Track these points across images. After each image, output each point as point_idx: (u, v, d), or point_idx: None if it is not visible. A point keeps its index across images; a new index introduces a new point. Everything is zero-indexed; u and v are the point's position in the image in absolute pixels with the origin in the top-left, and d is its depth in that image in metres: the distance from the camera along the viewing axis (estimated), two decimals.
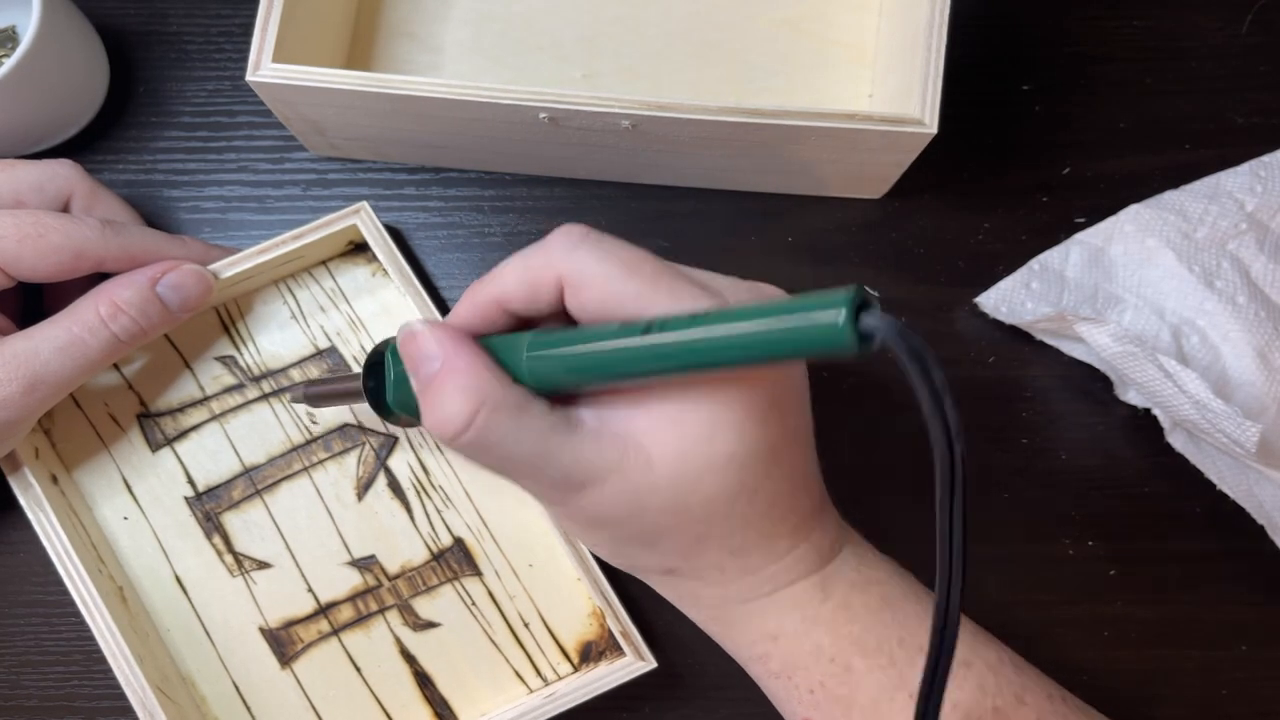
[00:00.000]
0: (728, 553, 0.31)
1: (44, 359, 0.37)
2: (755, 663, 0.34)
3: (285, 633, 0.42)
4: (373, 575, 0.42)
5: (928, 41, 0.39)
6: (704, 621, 0.34)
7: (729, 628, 0.33)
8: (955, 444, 0.22)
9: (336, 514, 0.43)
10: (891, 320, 0.22)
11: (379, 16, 0.48)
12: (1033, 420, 0.44)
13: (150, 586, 0.42)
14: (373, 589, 0.42)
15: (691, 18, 0.47)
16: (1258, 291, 0.42)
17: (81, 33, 0.45)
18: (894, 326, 0.21)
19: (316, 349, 0.44)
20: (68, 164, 0.40)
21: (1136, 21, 0.48)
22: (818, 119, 0.38)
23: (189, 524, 0.43)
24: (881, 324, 0.21)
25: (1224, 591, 0.43)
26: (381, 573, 0.42)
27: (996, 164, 0.47)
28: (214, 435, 0.43)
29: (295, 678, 0.41)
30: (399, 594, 0.42)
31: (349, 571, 0.42)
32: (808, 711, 0.32)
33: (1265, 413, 0.41)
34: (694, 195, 0.46)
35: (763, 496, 0.30)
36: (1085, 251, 0.44)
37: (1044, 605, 0.42)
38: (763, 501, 0.30)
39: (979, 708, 0.31)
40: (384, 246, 0.42)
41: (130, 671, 0.38)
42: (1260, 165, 0.45)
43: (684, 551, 0.31)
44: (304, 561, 0.42)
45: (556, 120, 0.39)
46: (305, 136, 0.45)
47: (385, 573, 0.42)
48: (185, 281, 0.39)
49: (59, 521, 0.39)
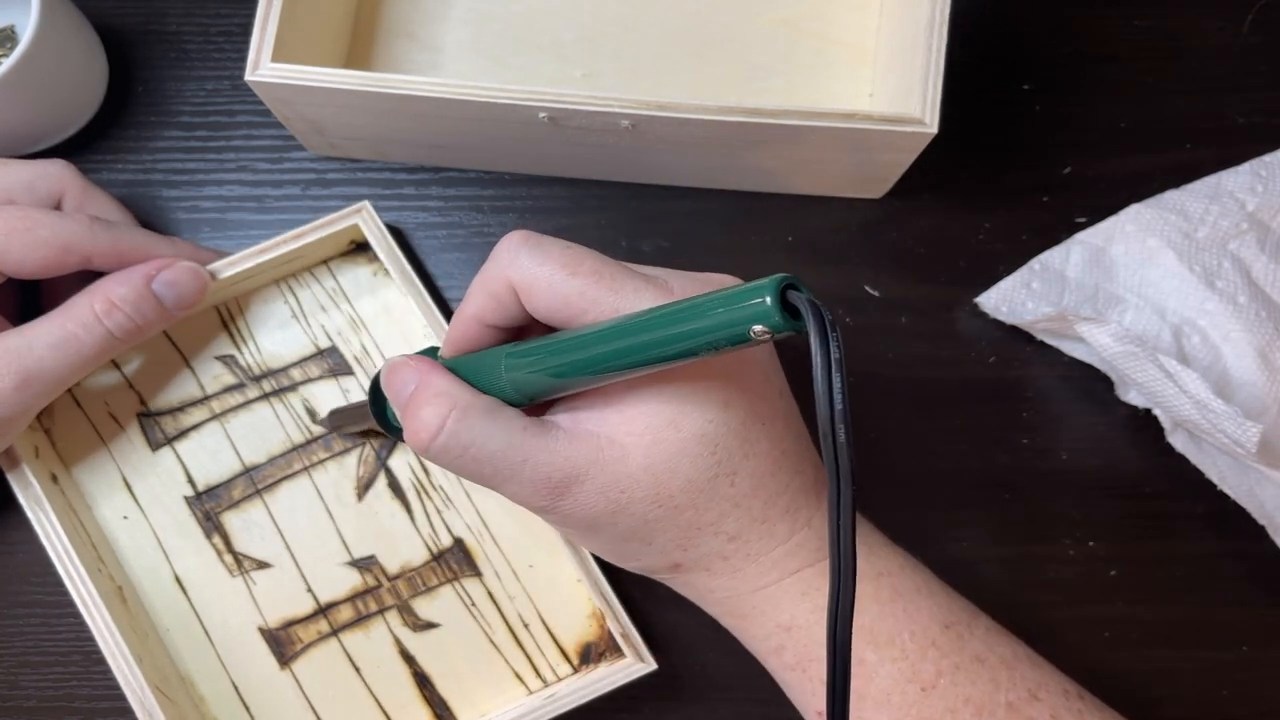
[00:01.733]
0: (725, 538, 0.31)
1: (38, 355, 0.37)
2: (772, 656, 0.34)
3: (285, 633, 0.42)
4: (372, 575, 0.42)
5: (928, 41, 0.39)
6: (721, 616, 0.34)
7: (744, 620, 0.34)
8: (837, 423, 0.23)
9: (336, 514, 0.42)
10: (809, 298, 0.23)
11: (378, 16, 0.47)
12: (1033, 420, 0.44)
13: (150, 586, 0.42)
14: (372, 589, 0.42)
15: (691, 17, 0.47)
16: (1259, 291, 0.42)
17: (80, 32, 0.45)
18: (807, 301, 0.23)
19: (317, 348, 0.44)
20: (59, 163, 0.40)
21: (1137, 21, 0.48)
22: (818, 119, 0.38)
23: (189, 523, 0.42)
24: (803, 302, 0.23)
25: (1225, 592, 0.42)
26: (381, 573, 0.42)
27: (997, 163, 0.47)
28: (214, 434, 0.43)
29: (294, 678, 0.41)
30: (399, 594, 0.42)
31: (349, 572, 0.42)
32: (821, 704, 0.32)
33: (1266, 413, 0.41)
34: (694, 195, 0.46)
35: (745, 477, 0.30)
36: (1086, 251, 0.44)
37: (1044, 605, 0.42)
38: (746, 482, 0.31)
39: (991, 702, 0.31)
40: (385, 246, 0.42)
41: (129, 671, 0.38)
42: (1261, 165, 0.44)
43: (680, 542, 0.31)
44: (304, 561, 0.42)
45: (556, 120, 0.39)
46: (304, 136, 0.45)
47: (385, 573, 0.42)
48: (181, 279, 0.39)
49: (59, 521, 0.39)
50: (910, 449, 0.44)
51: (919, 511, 0.43)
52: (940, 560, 0.43)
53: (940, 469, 0.44)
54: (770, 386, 0.32)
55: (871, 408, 0.44)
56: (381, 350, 0.44)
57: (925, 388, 0.44)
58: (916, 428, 0.44)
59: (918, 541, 0.43)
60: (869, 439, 0.44)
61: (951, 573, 0.42)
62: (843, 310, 0.45)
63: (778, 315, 0.23)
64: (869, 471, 0.43)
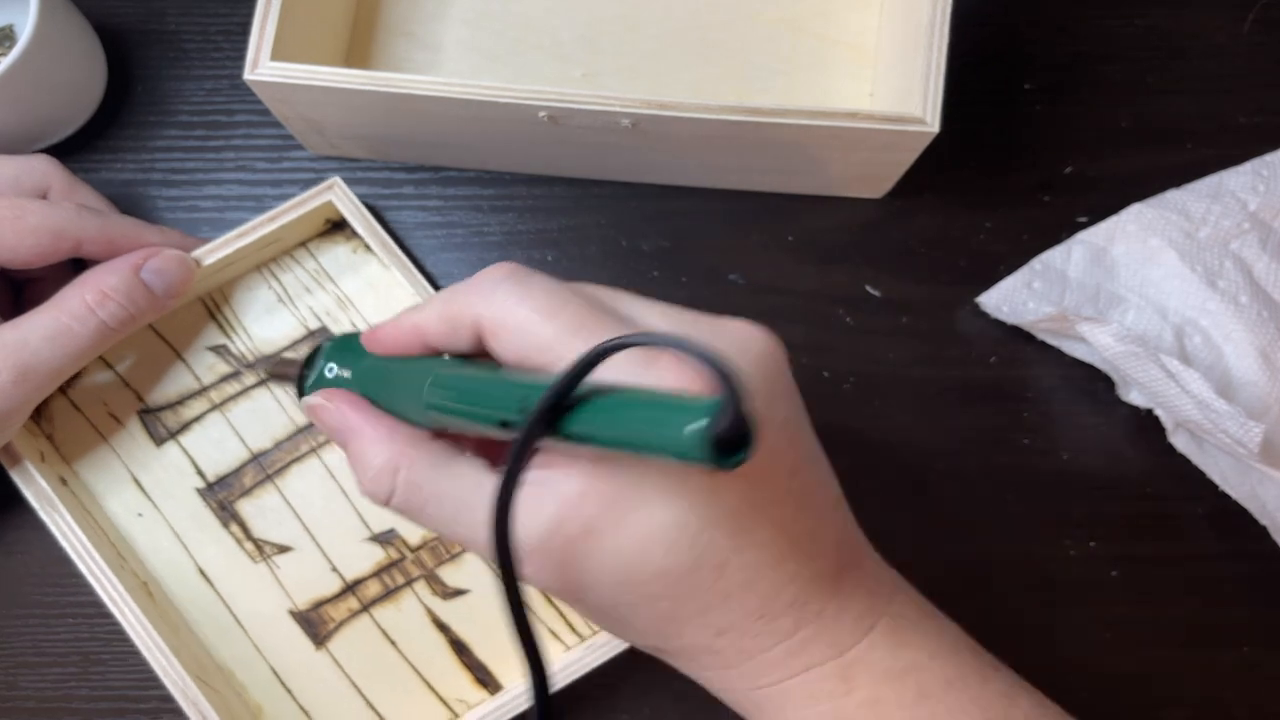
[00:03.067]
0: (713, 632, 0.27)
1: (33, 348, 0.37)
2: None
3: (316, 613, 0.42)
4: (395, 549, 0.42)
5: (929, 40, 0.39)
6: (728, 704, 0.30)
7: (750, 715, 0.29)
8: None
9: (350, 491, 0.43)
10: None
11: (378, 15, 0.47)
12: (1034, 421, 0.44)
13: (174, 581, 0.42)
14: (397, 562, 0.42)
15: (692, 17, 0.47)
16: (1260, 291, 0.42)
17: (79, 31, 0.44)
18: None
19: (308, 329, 0.44)
20: (44, 158, 0.40)
21: (1138, 20, 0.48)
22: (819, 118, 0.38)
23: (204, 515, 0.43)
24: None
25: (1226, 592, 0.42)
26: (403, 545, 0.42)
27: (998, 163, 0.47)
28: (217, 425, 0.43)
29: (332, 657, 0.41)
30: (424, 565, 0.42)
31: (371, 547, 0.42)
32: None
33: (1268, 413, 0.40)
34: (694, 195, 0.46)
35: (737, 570, 0.26)
36: (1087, 251, 0.44)
37: (1046, 606, 0.42)
38: (738, 575, 0.26)
39: None
40: (362, 220, 0.42)
41: (168, 664, 0.38)
42: (1262, 164, 0.44)
43: (659, 631, 0.27)
44: (324, 541, 0.42)
45: (556, 119, 0.39)
46: (304, 135, 0.45)
47: (407, 545, 0.42)
48: (168, 266, 0.40)
49: (75, 521, 0.39)
50: (910, 449, 0.44)
51: (919, 511, 0.43)
52: (940, 560, 0.43)
53: (940, 469, 0.44)
54: (779, 464, 0.26)
55: (871, 408, 0.44)
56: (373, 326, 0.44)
57: (925, 388, 0.44)
58: (916, 428, 0.44)
59: (918, 542, 0.43)
60: (869, 439, 0.44)
61: (952, 573, 0.42)
62: (843, 310, 0.45)
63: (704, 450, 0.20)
64: (869, 472, 0.43)
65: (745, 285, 0.45)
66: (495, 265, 0.27)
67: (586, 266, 0.45)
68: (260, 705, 0.41)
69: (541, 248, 0.46)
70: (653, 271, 0.45)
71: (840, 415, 0.44)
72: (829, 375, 0.44)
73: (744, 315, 0.27)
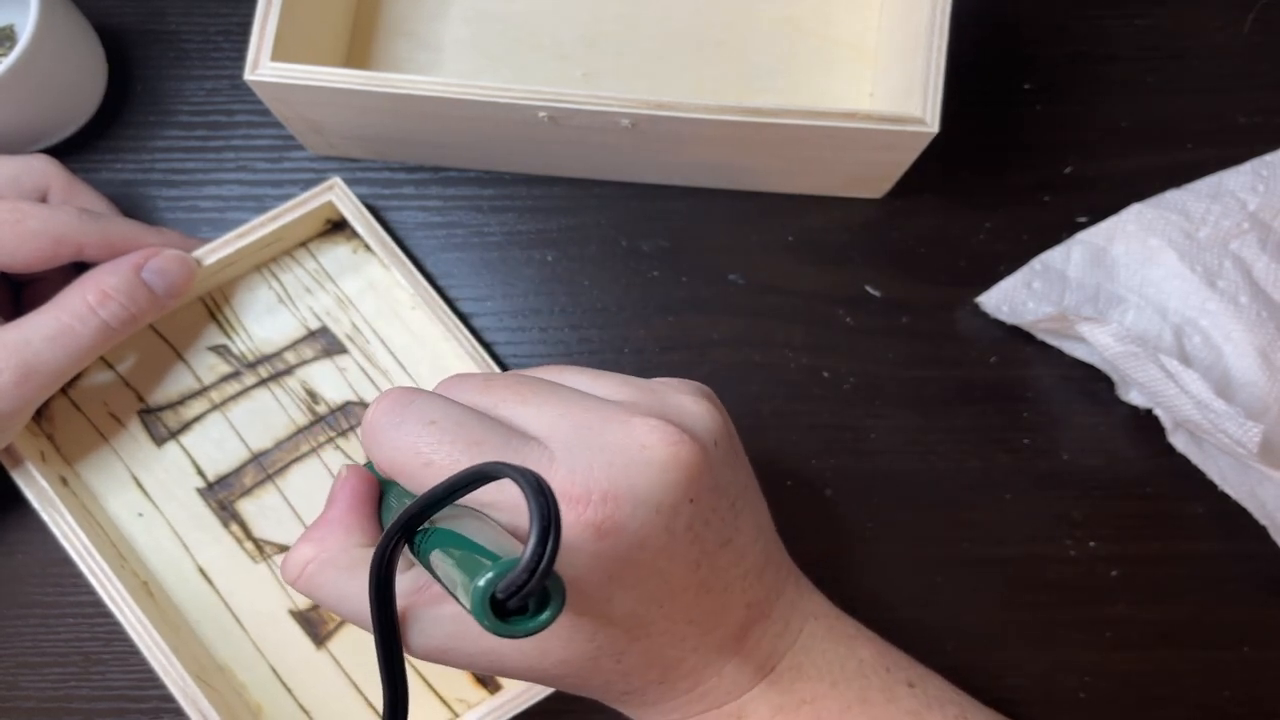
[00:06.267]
0: (617, 693, 0.29)
1: (35, 349, 0.37)
2: None
3: (316, 613, 0.42)
4: None
5: (929, 40, 0.39)
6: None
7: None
8: None
9: None
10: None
11: (378, 15, 0.47)
12: (1034, 421, 0.44)
13: (174, 580, 0.42)
14: None
15: (692, 17, 0.47)
16: (1260, 291, 0.42)
17: (79, 31, 0.44)
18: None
19: (308, 330, 0.44)
20: (43, 158, 0.40)
21: (1138, 20, 0.48)
22: (818, 118, 0.38)
23: (204, 515, 0.43)
24: None
25: (1226, 592, 0.42)
26: None
27: (998, 163, 0.47)
28: (217, 425, 0.43)
29: (332, 656, 0.41)
30: None
31: None
32: None
33: (1267, 413, 0.41)
34: (694, 195, 0.46)
35: (636, 655, 0.27)
36: (1087, 251, 0.44)
37: (1045, 606, 0.42)
38: (636, 659, 0.27)
39: None
40: (362, 220, 0.42)
41: (168, 663, 0.38)
42: (1262, 164, 0.44)
43: (569, 688, 0.29)
44: None
45: (556, 119, 0.39)
46: (304, 136, 0.45)
47: None
48: (169, 266, 0.40)
49: (75, 521, 0.39)
50: (910, 449, 0.44)
51: (919, 511, 0.43)
52: (940, 561, 0.43)
53: (940, 469, 0.44)
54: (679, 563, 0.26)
55: (871, 408, 0.44)
56: (373, 326, 0.44)
57: (925, 388, 0.44)
58: (916, 428, 0.44)
59: (918, 542, 0.43)
60: (869, 439, 0.44)
61: (952, 574, 0.43)
62: (843, 310, 0.45)
63: (481, 612, 0.18)
64: (869, 472, 0.43)
65: (745, 285, 0.45)
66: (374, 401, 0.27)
67: (586, 266, 0.46)
68: (260, 705, 0.41)
69: (541, 248, 0.46)
70: (653, 271, 0.45)
71: (840, 415, 0.44)
72: (829, 375, 0.44)
73: (744, 315, 0.27)
